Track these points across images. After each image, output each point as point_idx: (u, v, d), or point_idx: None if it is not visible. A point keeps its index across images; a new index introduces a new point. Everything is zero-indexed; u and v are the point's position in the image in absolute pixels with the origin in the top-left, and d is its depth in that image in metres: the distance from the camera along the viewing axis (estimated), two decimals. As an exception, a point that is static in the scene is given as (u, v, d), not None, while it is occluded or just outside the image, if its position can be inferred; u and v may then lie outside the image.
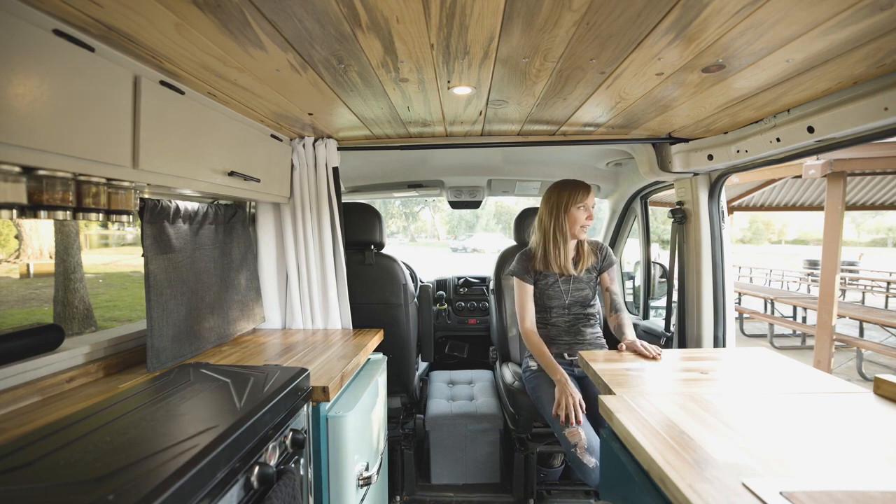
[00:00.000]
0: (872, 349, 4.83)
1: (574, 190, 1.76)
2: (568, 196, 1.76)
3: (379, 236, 2.05)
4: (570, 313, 1.82)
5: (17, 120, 0.73)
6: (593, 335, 1.82)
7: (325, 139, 1.82)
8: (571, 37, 0.91)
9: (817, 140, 1.23)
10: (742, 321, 7.44)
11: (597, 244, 1.87)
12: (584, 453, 1.40)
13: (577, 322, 1.81)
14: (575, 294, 1.81)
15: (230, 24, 0.86)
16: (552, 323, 1.82)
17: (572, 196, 1.75)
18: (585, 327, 1.81)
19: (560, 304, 1.81)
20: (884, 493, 0.62)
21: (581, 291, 1.82)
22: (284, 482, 0.90)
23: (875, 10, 0.76)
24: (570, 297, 1.81)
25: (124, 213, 1.04)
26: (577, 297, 1.81)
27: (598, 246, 1.87)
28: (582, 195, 1.75)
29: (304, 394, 1.13)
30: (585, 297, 1.82)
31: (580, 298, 1.81)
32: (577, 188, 1.76)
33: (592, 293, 1.84)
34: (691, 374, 1.20)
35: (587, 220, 1.75)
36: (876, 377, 1.02)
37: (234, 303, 1.68)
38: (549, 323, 1.83)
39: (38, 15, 0.77)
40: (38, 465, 0.66)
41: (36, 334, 1.12)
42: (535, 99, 1.35)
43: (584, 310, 1.82)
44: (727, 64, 1.02)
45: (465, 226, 27.75)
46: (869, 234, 32.76)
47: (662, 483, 0.70)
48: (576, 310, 1.82)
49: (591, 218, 1.75)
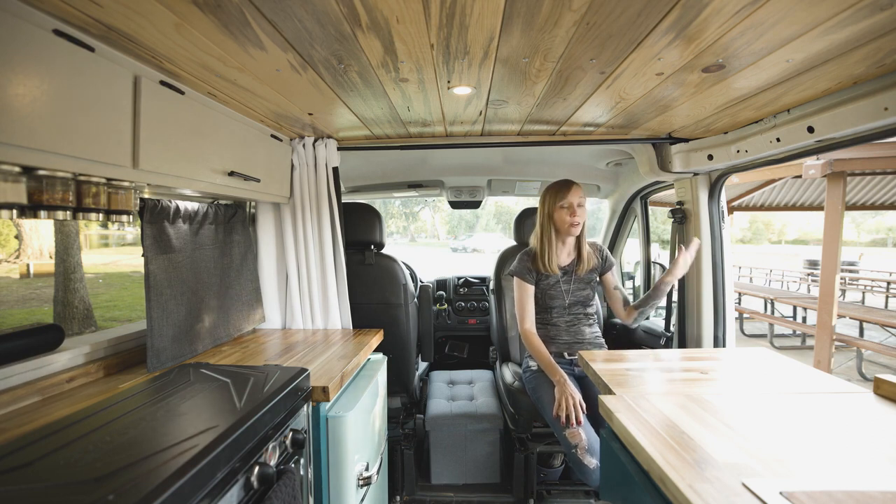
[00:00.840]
0: (872, 349, 4.83)
1: (557, 190, 1.77)
2: (551, 197, 1.78)
3: (379, 236, 2.05)
4: (570, 313, 1.82)
5: (17, 120, 0.73)
6: (593, 335, 1.82)
7: (325, 139, 1.82)
8: (571, 37, 0.91)
9: (817, 140, 1.23)
10: (742, 321, 7.44)
11: (596, 246, 1.88)
12: (585, 454, 1.40)
13: (577, 322, 1.82)
14: (577, 294, 1.81)
15: (230, 24, 0.86)
16: (552, 323, 1.83)
17: (555, 197, 1.77)
18: (585, 327, 1.82)
19: (561, 304, 1.81)
20: (884, 493, 0.62)
21: (582, 291, 1.82)
22: (284, 482, 0.90)
23: (875, 10, 0.76)
24: (571, 297, 1.81)
25: (124, 213, 1.04)
26: (579, 297, 1.81)
27: (597, 247, 1.87)
28: (562, 195, 1.75)
29: (304, 394, 1.13)
30: (586, 298, 1.82)
31: (581, 298, 1.82)
32: (560, 188, 1.77)
33: (593, 293, 1.85)
34: (691, 374, 1.20)
35: (573, 218, 1.73)
36: (876, 377, 1.02)
37: (234, 303, 1.68)
38: (550, 323, 1.83)
39: (38, 15, 0.77)
40: (38, 465, 0.66)
41: (36, 334, 1.12)
42: (535, 99, 1.35)
43: (585, 309, 1.83)
44: (727, 64, 1.02)
45: (465, 226, 27.75)
46: (869, 234, 32.75)
47: (662, 483, 0.70)
48: (576, 310, 1.82)
49: (574, 215, 1.73)
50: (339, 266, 1.89)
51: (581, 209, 1.75)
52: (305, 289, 1.86)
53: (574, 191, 1.75)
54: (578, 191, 1.76)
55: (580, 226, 1.76)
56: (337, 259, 1.89)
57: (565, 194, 1.75)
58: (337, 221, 1.87)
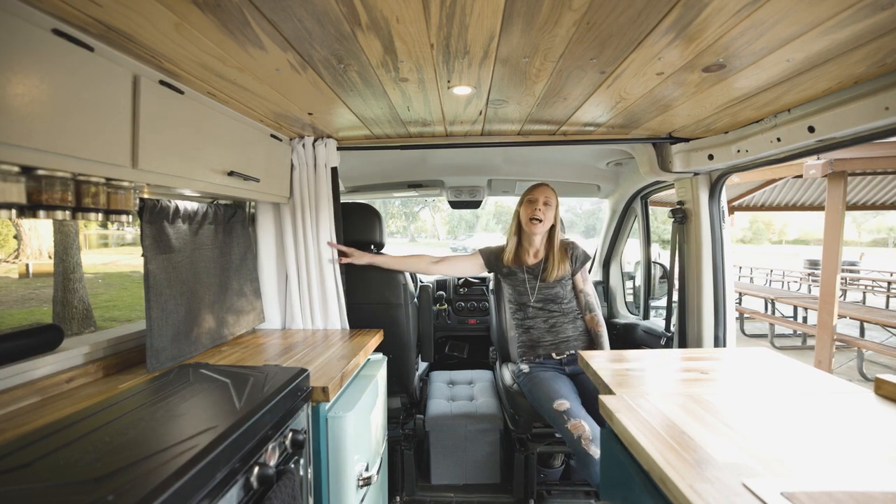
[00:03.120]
0: (873, 349, 4.83)
1: (530, 189, 1.85)
2: (523, 195, 1.87)
3: (379, 236, 2.05)
4: (546, 310, 1.83)
5: (17, 119, 0.73)
6: (576, 331, 1.83)
7: (324, 139, 1.82)
8: (572, 36, 0.91)
9: (818, 140, 1.23)
10: (742, 321, 7.43)
11: (568, 243, 1.89)
12: (590, 444, 1.40)
13: (556, 321, 1.83)
14: (544, 291, 1.83)
15: (230, 24, 0.85)
16: (532, 326, 1.84)
17: (526, 194, 1.85)
18: (566, 324, 1.83)
19: (530, 300, 1.84)
20: (884, 493, 0.62)
21: (551, 289, 1.83)
22: (284, 482, 0.90)
23: (875, 9, 0.76)
24: (538, 294, 1.83)
25: (124, 213, 1.04)
26: (547, 295, 1.83)
27: (570, 246, 1.88)
28: (531, 192, 1.84)
29: (304, 394, 1.13)
30: (556, 295, 1.83)
31: (550, 296, 1.83)
32: (533, 187, 1.85)
33: (564, 291, 1.85)
34: (691, 374, 1.19)
35: (534, 213, 1.78)
36: (877, 377, 1.02)
37: (234, 303, 1.68)
38: (530, 326, 1.85)
39: (37, 14, 0.77)
40: (38, 465, 0.66)
41: (35, 334, 1.11)
42: (536, 99, 1.35)
43: (560, 307, 1.84)
44: (728, 63, 1.02)
45: (465, 226, 27.76)
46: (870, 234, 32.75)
47: (663, 483, 0.70)
48: (552, 307, 1.83)
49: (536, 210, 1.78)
50: (338, 266, 1.89)
51: (547, 209, 1.79)
52: (305, 289, 1.86)
53: (542, 189, 1.82)
54: (547, 191, 1.81)
55: (540, 224, 1.78)
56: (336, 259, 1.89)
57: (533, 191, 1.83)
58: (337, 221, 1.87)
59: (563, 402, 1.55)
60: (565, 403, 1.55)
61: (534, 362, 1.82)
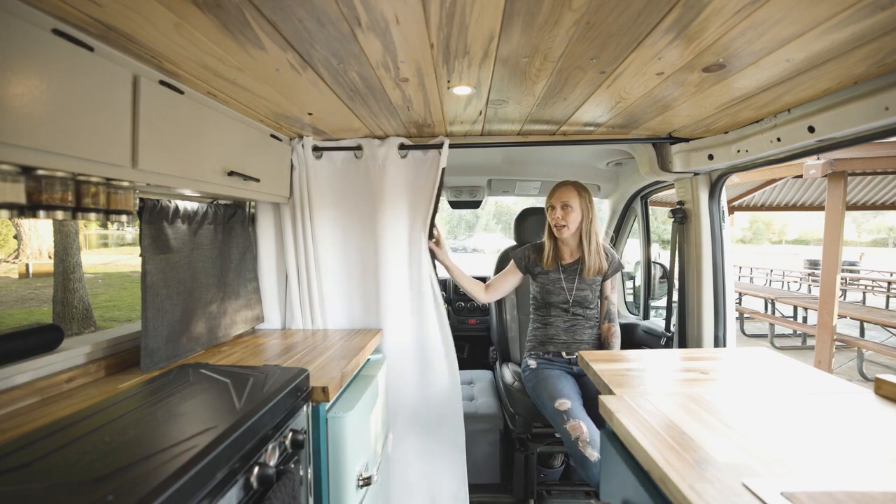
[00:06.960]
0: (873, 349, 4.83)
1: (550, 192, 1.83)
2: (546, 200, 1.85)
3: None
4: (571, 314, 1.82)
5: (16, 119, 0.73)
6: (591, 338, 1.83)
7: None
8: (571, 36, 0.91)
9: (818, 140, 1.23)
10: (742, 321, 7.44)
11: (608, 250, 1.87)
12: (587, 446, 1.40)
13: (577, 324, 1.82)
14: (577, 294, 1.81)
15: (230, 24, 0.85)
16: (551, 323, 1.83)
17: (547, 198, 1.84)
18: (585, 329, 1.82)
19: (560, 300, 1.82)
20: (885, 493, 0.62)
21: (582, 292, 1.82)
22: (284, 483, 0.89)
23: (875, 9, 0.76)
24: (572, 295, 1.81)
25: (123, 213, 1.03)
26: (578, 298, 1.82)
27: (609, 252, 1.87)
28: (549, 195, 1.82)
29: (304, 394, 1.13)
30: (584, 299, 1.82)
31: (580, 299, 1.82)
32: (552, 190, 1.83)
33: (593, 296, 1.85)
34: (691, 374, 1.19)
35: (554, 219, 1.78)
36: (877, 377, 1.02)
37: (233, 303, 1.68)
38: (548, 323, 1.83)
39: (37, 14, 0.77)
40: (38, 465, 0.66)
41: (35, 334, 1.11)
42: (536, 98, 1.35)
43: (584, 311, 1.83)
44: (727, 63, 1.02)
45: (465, 226, 27.77)
46: (870, 234, 32.76)
47: (663, 483, 0.70)
48: (576, 310, 1.82)
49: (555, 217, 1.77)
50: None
51: (567, 212, 1.76)
52: (305, 289, 1.86)
53: (560, 193, 1.78)
54: (565, 193, 1.77)
55: (565, 228, 1.76)
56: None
57: (551, 196, 1.81)
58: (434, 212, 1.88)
59: (565, 402, 1.55)
60: (566, 403, 1.55)
61: (542, 357, 1.82)
